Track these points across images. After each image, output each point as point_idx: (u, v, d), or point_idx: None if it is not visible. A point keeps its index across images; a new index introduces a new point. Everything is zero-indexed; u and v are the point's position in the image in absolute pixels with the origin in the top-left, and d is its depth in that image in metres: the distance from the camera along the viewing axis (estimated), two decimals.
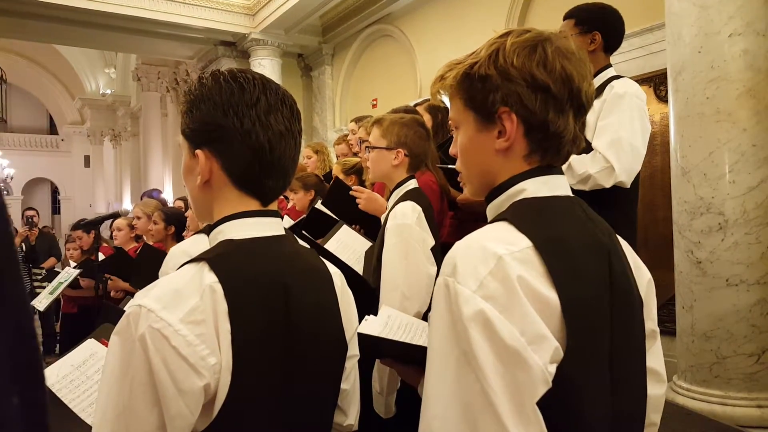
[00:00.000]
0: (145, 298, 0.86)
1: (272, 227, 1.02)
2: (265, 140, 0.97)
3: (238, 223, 0.99)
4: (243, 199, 1.00)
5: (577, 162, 2.15)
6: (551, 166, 0.92)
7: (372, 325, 1.25)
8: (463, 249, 0.81)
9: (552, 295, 0.78)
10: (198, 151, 0.98)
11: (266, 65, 8.57)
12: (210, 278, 0.89)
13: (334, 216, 2.79)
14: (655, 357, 1.00)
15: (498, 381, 0.73)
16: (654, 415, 1.01)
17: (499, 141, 0.90)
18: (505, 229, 0.84)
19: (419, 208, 2.02)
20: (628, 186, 2.18)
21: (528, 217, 0.86)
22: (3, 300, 0.36)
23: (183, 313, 0.85)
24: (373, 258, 2.16)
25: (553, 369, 0.76)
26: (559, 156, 0.92)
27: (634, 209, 2.32)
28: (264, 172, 0.99)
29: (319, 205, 2.93)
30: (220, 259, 0.93)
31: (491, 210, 0.95)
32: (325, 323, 1.04)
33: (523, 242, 0.81)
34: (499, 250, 0.79)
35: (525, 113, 0.88)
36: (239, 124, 0.95)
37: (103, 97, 18.96)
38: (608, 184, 2.12)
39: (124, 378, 0.83)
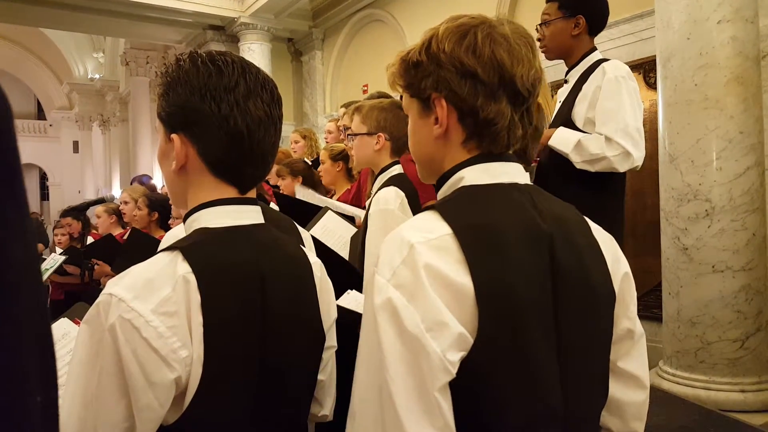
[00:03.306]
0: (116, 286, 0.83)
1: (249, 216, 0.99)
2: (243, 126, 0.93)
3: (213, 210, 0.96)
4: (219, 186, 0.97)
5: (591, 141, 2.15)
6: (499, 154, 0.91)
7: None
8: (387, 240, 0.83)
9: (466, 281, 0.77)
10: (173, 135, 0.95)
11: (256, 50, 8.50)
12: (183, 268, 0.86)
13: (316, 201, 2.77)
14: (633, 360, 0.94)
15: (398, 368, 0.74)
16: (635, 423, 0.96)
17: (435, 127, 0.91)
18: (428, 217, 0.85)
19: (402, 194, 2.01)
20: (639, 168, 2.20)
21: (455, 204, 0.86)
22: (29, 311, 0.39)
23: (155, 303, 0.83)
24: (359, 244, 2.15)
25: (454, 357, 0.75)
26: (496, 143, 0.90)
27: (623, 193, 2.34)
28: (242, 158, 0.96)
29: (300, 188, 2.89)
30: (194, 248, 0.90)
31: (440, 198, 0.94)
32: (303, 314, 1.02)
33: (443, 230, 0.81)
34: (414, 239, 0.79)
35: (455, 99, 0.88)
36: (216, 109, 0.92)
37: (91, 81, 18.72)
38: (623, 169, 2.15)
39: (92, 368, 0.81)
